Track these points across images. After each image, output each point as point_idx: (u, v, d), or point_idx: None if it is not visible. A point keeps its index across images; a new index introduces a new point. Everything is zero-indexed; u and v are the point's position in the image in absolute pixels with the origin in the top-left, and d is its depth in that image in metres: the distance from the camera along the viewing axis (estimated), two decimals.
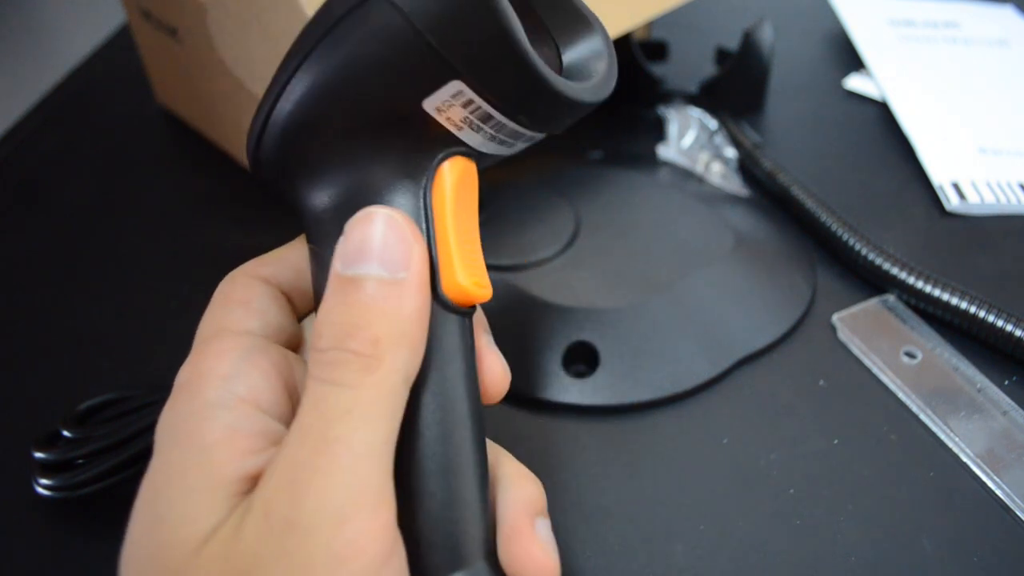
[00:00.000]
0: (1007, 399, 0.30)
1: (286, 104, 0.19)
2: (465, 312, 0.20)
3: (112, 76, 0.53)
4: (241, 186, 0.43)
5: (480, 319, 0.22)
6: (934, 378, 0.31)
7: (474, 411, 0.20)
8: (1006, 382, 0.31)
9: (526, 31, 0.18)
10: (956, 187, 0.41)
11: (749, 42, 0.45)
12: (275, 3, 0.32)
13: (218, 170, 0.44)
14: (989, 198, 0.40)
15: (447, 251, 0.19)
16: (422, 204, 0.20)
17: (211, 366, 0.19)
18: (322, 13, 0.18)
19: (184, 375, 0.19)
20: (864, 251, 0.35)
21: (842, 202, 0.39)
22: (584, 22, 0.21)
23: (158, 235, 0.40)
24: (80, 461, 0.26)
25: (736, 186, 0.41)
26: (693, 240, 0.35)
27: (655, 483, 0.28)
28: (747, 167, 0.42)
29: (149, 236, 0.40)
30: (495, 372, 0.22)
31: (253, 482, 0.17)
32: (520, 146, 0.21)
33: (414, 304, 0.18)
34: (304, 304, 0.22)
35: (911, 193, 0.42)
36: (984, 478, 0.28)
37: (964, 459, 0.28)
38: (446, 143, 0.19)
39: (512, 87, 0.18)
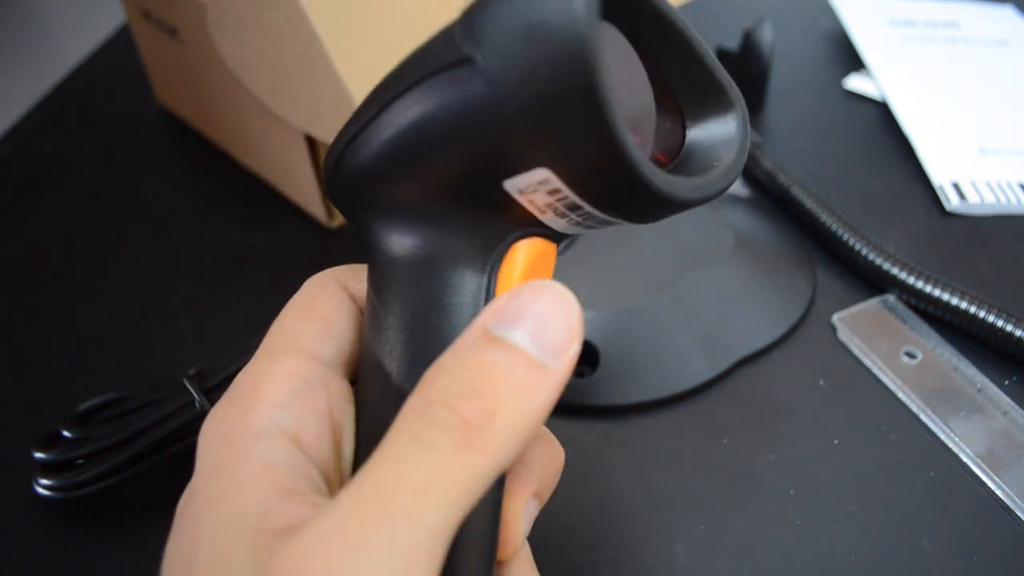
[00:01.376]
0: (1007, 399, 0.30)
1: (364, 141, 0.17)
2: None
3: (112, 76, 0.53)
4: (241, 186, 0.43)
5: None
6: (934, 378, 0.31)
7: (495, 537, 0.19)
8: (1006, 382, 0.31)
9: (653, 96, 0.17)
10: (956, 187, 0.41)
11: (749, 42, 0.45)
12: (275, 3, 0.32)
13: (218, 170, 0.44)
14: (989, 198, 0.40)
15: None
16: (485, 283, 0.18)
17: (268, 389, 0.18)
18: (419, 57, 0.16)
19: (243, 385, 0.18)
20: (864, 251, 0.35)
21: (842, 202, 0.39)
22: (721, 99, 0.18)
23: (158, 235, 0.40)
24: (80, 461, 0.26)
25: (736, 186, 0.41)
26: (693, 240, 0.35)
27: (655, 483, 0.28)
28: (747, 167, 0.42)
29: (149, 236, 0.40)
30: (516, 530, 0.19)
31: (282, 522, 0.15)
32: (612, 226, 0.18)
33: (547, 400, 0.16)
34: None
35: (911, 193, 0.42)
36: (984, 478, 0.28)
37: (964, 459, 0.28)
38: (525, 223, 0.17)
39: (607, 186, 0.15)
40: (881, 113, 0.48)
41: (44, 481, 0.26)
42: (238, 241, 0.39)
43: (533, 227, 0.18)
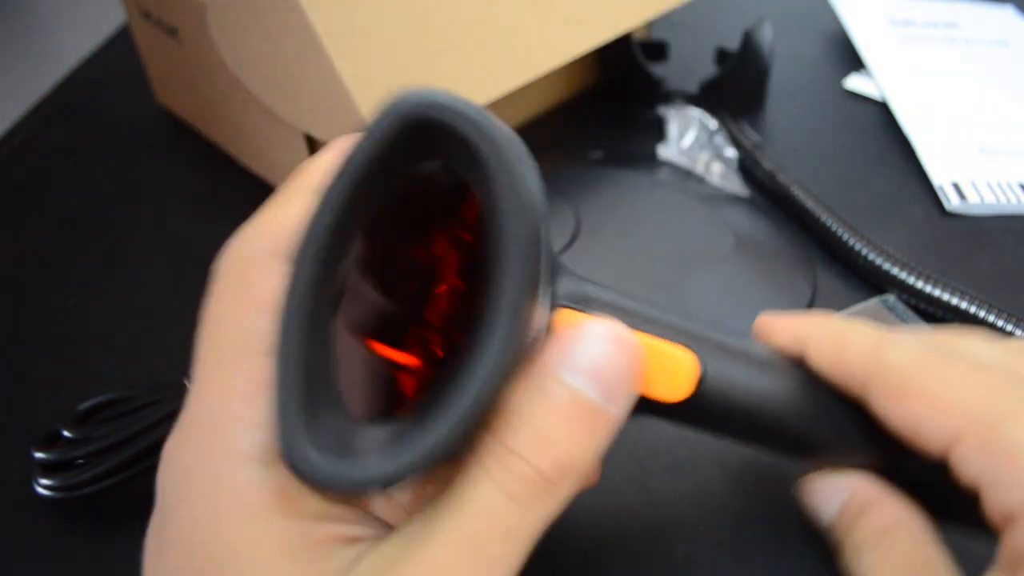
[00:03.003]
0: None
1: None
2: None
3: (112, 76, 0.53)
4: (241, 186, 0.43)
5: None
6: None
7: None
8: None
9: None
10: (956, 187, 0.41)
11: (749, 42, 0.45)
12: (274, 2, 0.32)
13: (218, 170, 0.44)
14: (989, 198, 0.40)
15: None
16: None
17: (242, 408, 0.16)
18: None
19: (209, 409, 0.16)
20: (864, 251, 0.35)
21: (842, 202, 0.39)
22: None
23: (158, 235, 0.40)
24: (80, 461, 0.26)
25: (736, 186, 0.41)
26: (693, 240, 0.35)
27: (656, 483, 0.28)
28: (747, 167, 0.42)
29: (149, 236, 0.40)
30: None
31: (320, 536, 0.15)
32: None
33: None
34: None
35: (911, 193, 0.42)
36: None
37: None
38: None
39: None
40: (881, 113, 0.48)
41: (44, 481, 0.26)
42: None
43: None
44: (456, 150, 0.16)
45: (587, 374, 0.16)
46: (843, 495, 0.22)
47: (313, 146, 0.37)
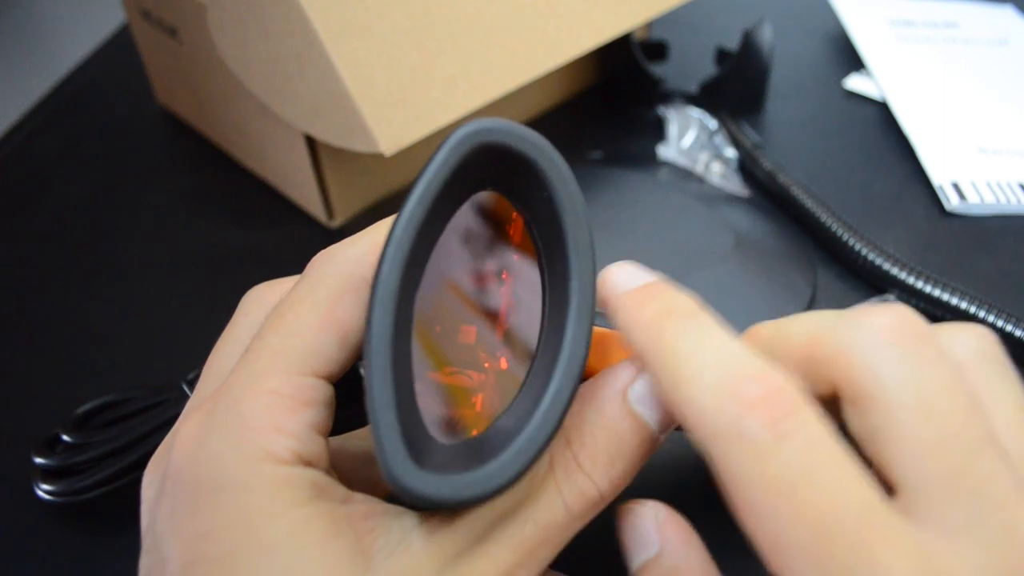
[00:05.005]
0: None
1: None
2: None
3: (112, 76, 0.53)
4: (241, 186, 0.43)
5: None
6: None
7: None
8: None
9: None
10: (956, 187, 0.41)
11: (749, 42, 0.45)
12: (274, 2, 0.32)
13: (218, 170, 0.44)
14: (989, 198, 0.40)
15: None
16: None
17: (287, 420, 0.17)
18: None
19: (250, 400, 0.17)
20: (864, 251, 0.35)
21: (842, 202, 0.39)
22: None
23: (158, 235, 0.40)
24: (80, 467, 0.26)
25: (736, 186, 0.41)
26: (693, 240, 0.35)
27: (657, 483, 0.28)
28: (747, 167, 0.42)
29: (149, 236, 0.40)
30: None
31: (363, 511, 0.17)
32: None
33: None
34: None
35: (911, 193, 0.42)
36: None
37: None
38: None
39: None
40: (881, 113, 0.48)
41: (45, 486, 0.26)
42: (239, 241, 0.39)
43: None
44: (511, 173, 0.17)
45: (655, 406, 0.17)
46: (651, 549, 0.19)
47: (313, 146, 0.37)
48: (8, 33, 1.84)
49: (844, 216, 0.37)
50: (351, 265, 0.18)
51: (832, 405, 0.17)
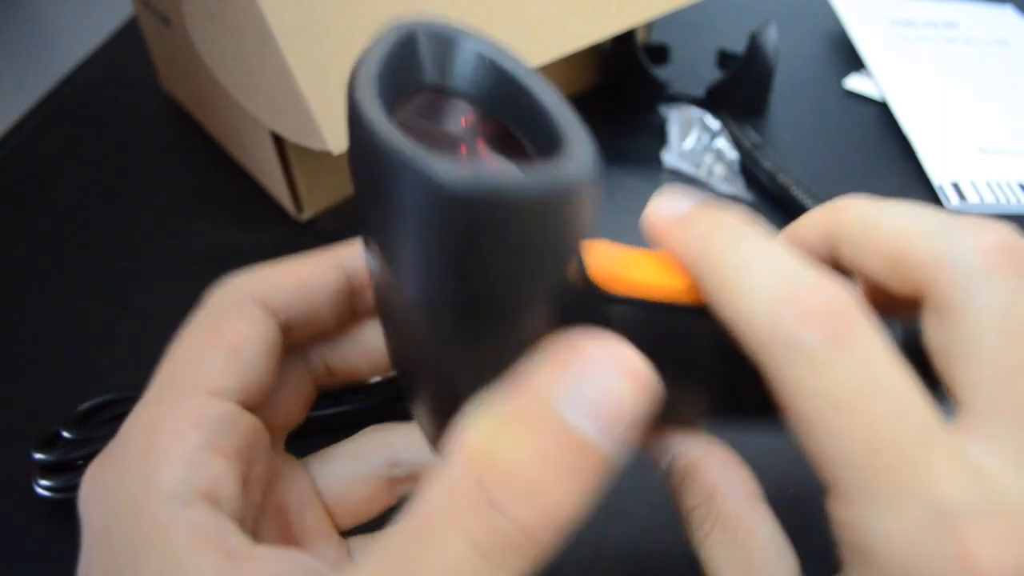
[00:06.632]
0: None
1: None
2: None
3: (112, 76, 0.53)
4: (242, 183, 0.43)
5: None
6: None
7: None
8: None
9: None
10: (956, 187, 0.41)
11: (755, 45, 0.45)
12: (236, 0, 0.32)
13: (221, 167, 0.44)
14: (989, 198, 0.40)
15: None
16: None
17: (171, 443, 0.15)
18: None
19: (138, 438, 0.16)
20: None
21: None
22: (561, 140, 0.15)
23: (160, 234, 0.40)
24: (80, 462, 0.26)
25: (739, 189, 0.41)
26: None
27: (658, 484, 0.28)
28: (747, 168, 0.42)
29: (151, 235, 0.40)
30: None
31: None
32: None
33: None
34: (303, 337, 0.19)
35: (911, 193, 0.42)
36: None
37: None
38: None
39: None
40: (881, 113, 0.48)
41: (44, 482, 0.26)
42: (239, 240, 0.39)
43: None
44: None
45: (590, 413, 0.13)
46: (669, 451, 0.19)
47: (279, 143, 0.37)
48: (8, 33, 1.84)
49: None
50: (239, 290, 0.18)
51: (905, 306, 0.16)
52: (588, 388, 0.13)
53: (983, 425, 0.14)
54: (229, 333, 0.17)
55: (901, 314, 0.17)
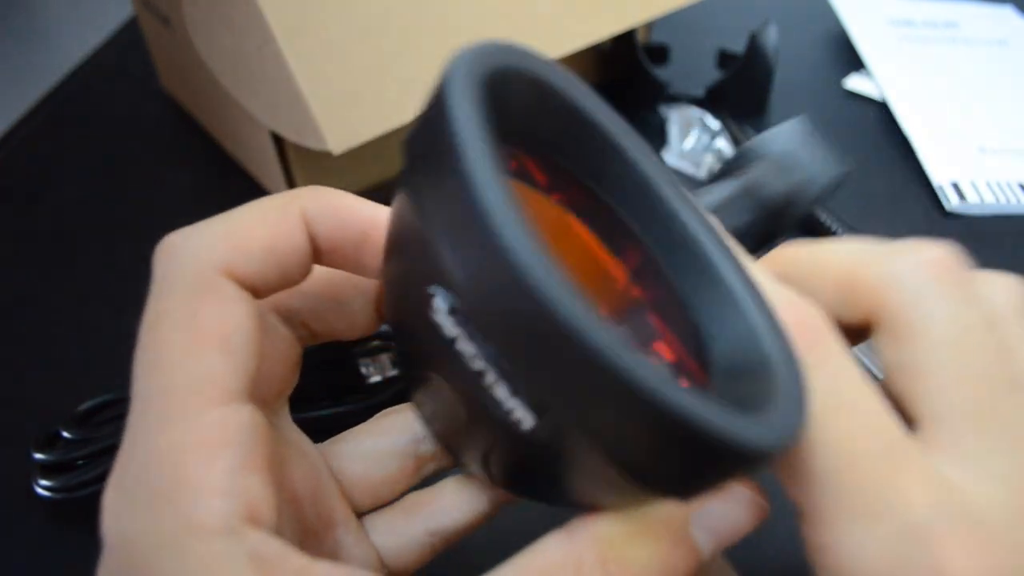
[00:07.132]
0: None
1: None
2: None
3: (112, 76, 0.53)
4: (241, 185, 0.43)
5: None
6: None
7: None
8: None
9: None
10: (956, 187, 0.41)
11: (755, 45, 0.45)
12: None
13: (222, 167, 0.44)
14: (989, 198, 0.40)
15: None
16: None
17: (206, 472, 0.14)
18: None
19: (160, 459, 0.14)
20: None
21: (842, 202, 0.39)
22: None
23: (159, 234, 0.40)
24: (80, 462, 0.26)
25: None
26: None
27: None
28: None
29: (151, 235, 0.40)
30: None
31: None
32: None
33: None
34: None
35: (911, 193, 0.42)
36: None
37: None
38: None
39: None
40: (881, 113, 0.48)
41: (44, 482, 0.26)
42: None
43: None
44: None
45: (716, 537, 0.15)
46: None
47: (279, 140, 0.37)
48: (8, 33, 1.84)
49: (844, 216, 0.37)
50: (203, 263, 0.16)
51: (858, 335, 0.17)
52: (719, 514, 0.15)
53: (944, 437, 0.15)
54: (215, 324, 0.15)
55: (852, 344, 0.18)
